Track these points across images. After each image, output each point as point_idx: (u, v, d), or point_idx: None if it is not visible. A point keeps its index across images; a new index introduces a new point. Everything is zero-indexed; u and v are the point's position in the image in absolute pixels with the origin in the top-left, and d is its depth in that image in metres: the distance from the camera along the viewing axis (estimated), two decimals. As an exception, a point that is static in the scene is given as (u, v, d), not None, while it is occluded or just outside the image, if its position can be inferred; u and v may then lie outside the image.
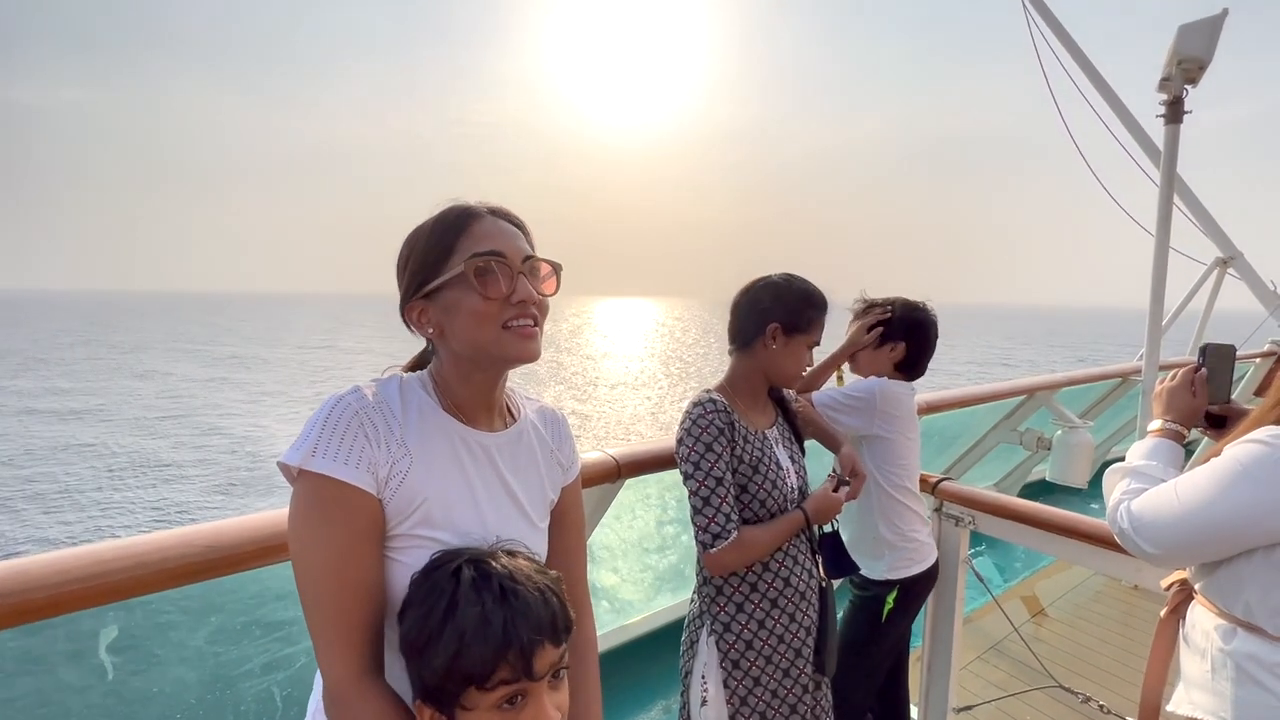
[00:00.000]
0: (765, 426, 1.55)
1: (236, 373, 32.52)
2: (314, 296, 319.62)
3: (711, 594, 1.47)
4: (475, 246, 0.85)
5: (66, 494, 13.51)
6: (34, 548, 10.94)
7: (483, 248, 0.84)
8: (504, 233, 0.87)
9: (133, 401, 24.11)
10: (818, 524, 1.54)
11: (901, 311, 1.92)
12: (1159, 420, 1.31)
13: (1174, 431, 1.28)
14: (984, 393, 3.22)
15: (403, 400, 0.87)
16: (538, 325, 0.88)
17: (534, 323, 0.87)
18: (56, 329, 61.88)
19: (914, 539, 1.89)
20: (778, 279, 1.52)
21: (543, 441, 1.02)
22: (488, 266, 0.84)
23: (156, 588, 0.94)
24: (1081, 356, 46.09)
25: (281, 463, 0.80)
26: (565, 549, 1.05)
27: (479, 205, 0.90)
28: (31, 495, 13.37)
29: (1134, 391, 4.26)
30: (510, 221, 0.90)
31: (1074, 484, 3.53)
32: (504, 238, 0.87)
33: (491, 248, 0.85)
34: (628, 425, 21.99)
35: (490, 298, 0.84)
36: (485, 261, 0.84)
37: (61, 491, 13.62)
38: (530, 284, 0.87)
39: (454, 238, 0.85)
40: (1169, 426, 1.28)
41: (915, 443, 1.94)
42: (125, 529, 11.79)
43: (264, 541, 1.03)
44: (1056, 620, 3.30)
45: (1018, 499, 1.95)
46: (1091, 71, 5.17)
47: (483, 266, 0.84)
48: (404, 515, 0.83)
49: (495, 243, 0.85)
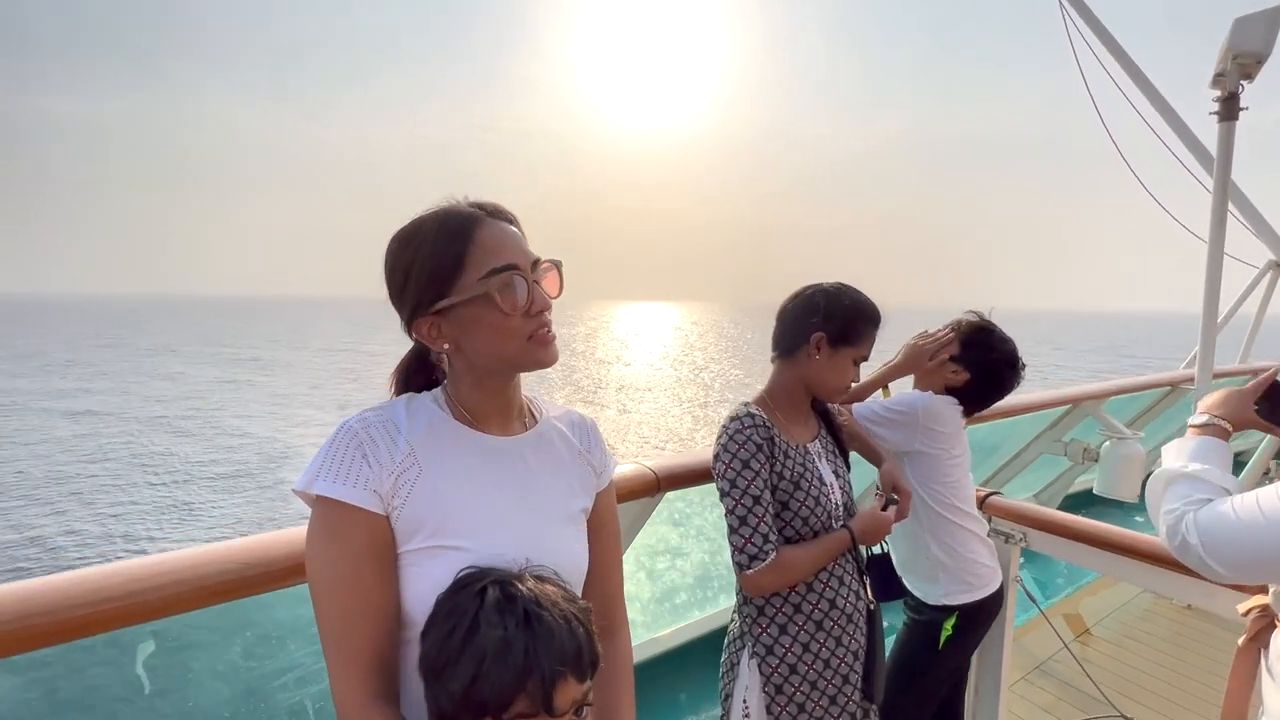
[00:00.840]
0: (807, 440, 1.49)
1: (258, 375, 33.34)
2: (341, 300, 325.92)
3: (753, 614, 1.41)
4: (488, 260, 0.82)
5: (98, 493, 13.93)
6: (67, 542, 11.30)
7: (496, 261, 0.82)
8: (510, 239, 0.85)
9: (163, 402, 24.82)
10: (865, 545, 1.47)
11: (995, 346, 1.75)
12: (1205, 415, 1.19)
13: (1222, 429, 1.16)
14: (1028, 403, 3.10)
15: (409, 415, 0.87)
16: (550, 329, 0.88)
17: (550, 328, 0.87)
18: (87, 331, 64.12)
19: (972, 561, 1.77)
20: (829, 287, 1.46)
21: (568, 444, 0.99)
22: (508, 282, 0.82)
23: (194, 605, 0.92)
24: (1116, 364, 44.79)
25: (295, 489, 0.81)
26: (602, 560, 1.01)
27: (475, 207, 0.86)
28: (70, 494, 13.82)
29: (1184, 401, 4.08)
30: (509, 221, 0.88)
31: (1124, 498, 3.38)
32: (512, 245, 0.85)
33: (506, 261, 0.83)
34: (637, 430, 22.00)
35: (512, 313, 0.83)
36: (507, 277, 0.82)
37: (93, 490, 14.05)
38: (545, 290, 0.87)
39: (462, 249, 0.82)
40: (1216, 423, 1.17)
41: (963, 460, 1.84)
42: (163, 533, 12.10)
43: (299, 558, 1.00)
44: (1103, 640, 3.15)
45: (1073, 515, 1.86)
46: (1133, 69, 5.00)
47: (503, 283, 0.82)
48: (418, 525, 0.81)
49: (507, 254, 0.83)
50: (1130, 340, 69.88)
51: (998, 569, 1.84)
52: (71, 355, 41.32)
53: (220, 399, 26.10)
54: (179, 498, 13.88)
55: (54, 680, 1.05)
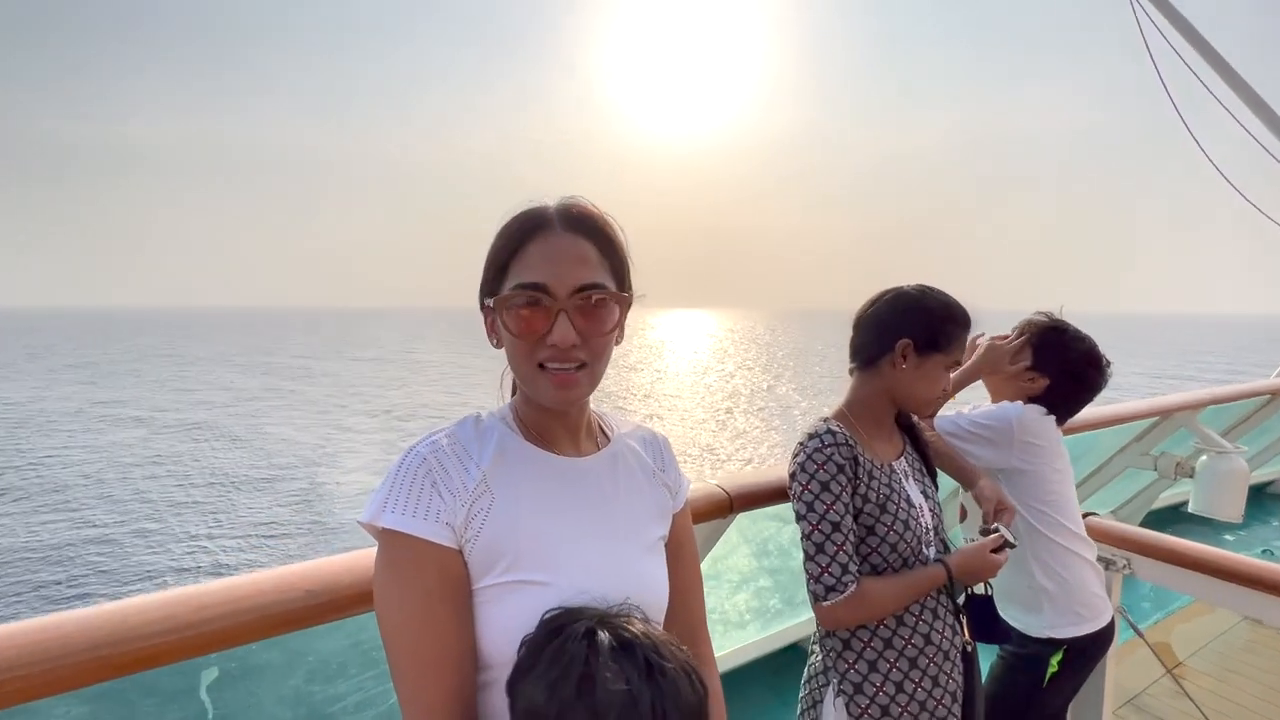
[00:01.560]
0: (892, 457, 1.37)
1: (303, 384, 34.52)
2: (399, 310, 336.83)
3: (837, 648, 1.30)
4: (524, 273, 0.77)
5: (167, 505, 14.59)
6: (134, 538, 11.81)
7: (527, 277, 0.76)
8: (560, 255, 0.77)
9: (214, 407, 25.96)
10: (964, 584, 1.33)
11: (1072, 347, 1.63)
12: None
13: None
14: (1116, 414, 2.87)
15: (479, 437, 0.81)
16: (585, 368, 0.79)
17: (576, 366, 0.78)
18: (157, 340, 67.71)
19: (1082, 589, 1.61)
20: (911, 289, 1.34)
21: (642, 463, 0.92)
22: (527, 300, 0.76)
23: (258, 636, 0.87)
24: (1190, 372, 42.28)
25: (360, 521, 0.75)
26: (683, 588, 0.94)
27: (551, 210, 0.80)
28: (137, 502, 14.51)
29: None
30: (581, 232, 0.79)
31: (1226, 517, 3.09)
32: (557, 263, 0.77)
33: (535, 279, 0.76)
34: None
35: (520, 336, 0.77)
36: (524, 294, 0.76)
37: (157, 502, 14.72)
38: (576, 323, 0.77)
39: (509, 255, 0.79)
40: None
41: (1066, 475, 1.67)
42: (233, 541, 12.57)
43: (365, 585, 0.95)
44: (1201, 672, 2.89)
45: (1186, 540, 1.68)
46: (1213, 56, 4.65)
47: (517, 301, 0.76)
48: (494, 559, 0.74)
49: (542, 271, 0.76)
50: (1196, 346, 65.96)
51: (1106, 598, 1.67)
52: (138, 365, 43.74)
53: (266, 405, 27.19)
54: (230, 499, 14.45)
55: (124, 708, 1.03)
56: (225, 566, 11.35)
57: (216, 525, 13.09)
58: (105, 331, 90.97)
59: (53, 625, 0.77)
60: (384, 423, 24.30)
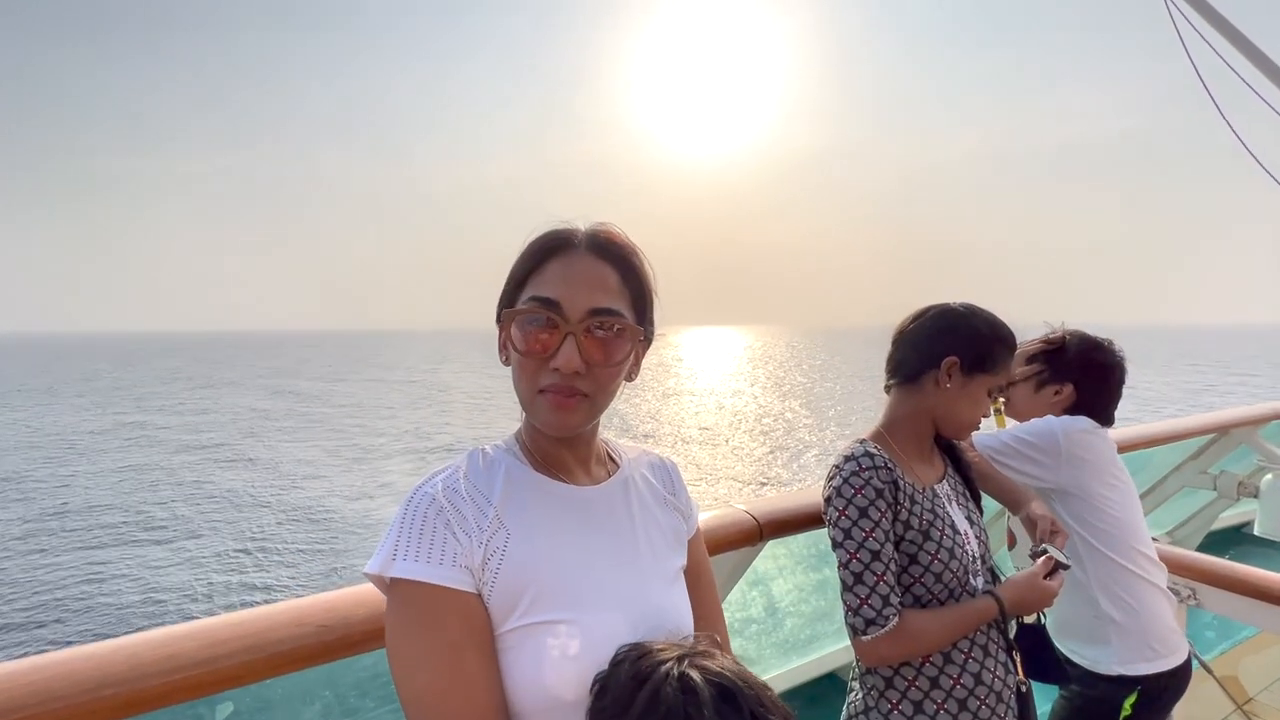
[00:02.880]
0: (933, 480, 1.29)
1: (322, 406, 35.16)
2: (427, 333, 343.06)
3: (879, 686, 1.21)
4: (538, 288, 0.75)
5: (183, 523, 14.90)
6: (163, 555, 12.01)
7: (542, 292, 0.74)
8: (578, 276, 0.75)
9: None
10: (1017, 616, 1.24)
11: (1073, 346, 1.60)
12: None
13: None
14: (1172, 430, 2.72)
15: (487, 471, 0.77)
16: (587, 397, 0.74)
17: (574, 394, 0.73)
18: (201, 364, 70.10)
19: (1156, 619, 1.48)
20: (959, 306, 1.28)
21: (654, 490, 0.89)
22: (533, 317, 0.73)
23: (269, 674, 0.85)
24: (1236, 384, 40.43)
25: (367, 573, 0.70)
26: (702, 615, 0.89)
27: (579, 232, 0.77)
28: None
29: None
30: (604, 257, 0.77)
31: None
32: (573, 283, 0.74)
33: (549, 295, 0.74)
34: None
35: (525, 354, 0.74)
36: (532, 309, 0.74)
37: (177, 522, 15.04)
38: (584, 349, 0.73)
39: (528, 271, 0.77)
40: None
41: (1127, 493, 1.56)
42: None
43: (378, 620, 0.91)
44: (1272, 709, 2.68)
45: (1260, 570, 1.55)
46: (1256, 55, 4.47)
47: (526, 317, 0.74)
48: (514, 600, 0.70)
49: (557, 288, 0.74)
50: (1241, 358, 63.10)
51: (1181, 631, 1.54)
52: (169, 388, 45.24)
53: (289, 424, 27.81)
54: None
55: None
56: (249, 588, 11.44)
57: (240, 549, 13.30)
58: (133, 356, 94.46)
59: (60, 663, 0.75)
60: (407, 444, 24.62)
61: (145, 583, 11.58)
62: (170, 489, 17.93)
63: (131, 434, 26.39)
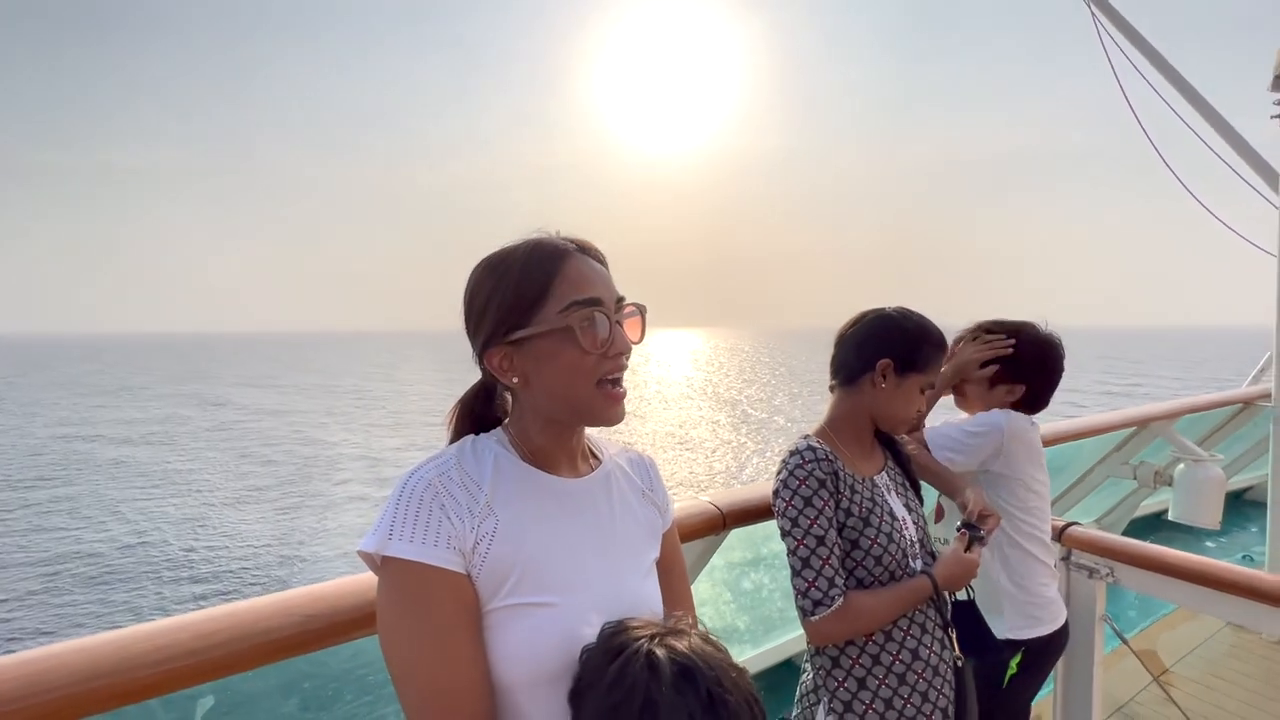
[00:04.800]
0: (873, 472, 1.40)
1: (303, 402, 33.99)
2: (389, 334, 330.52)
3: (827, 666, 1.31)
4: (573, 292, 0.78)
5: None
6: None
7: (582, 294, 0.79)
8: (597, 275, 0.82)
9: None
10: (949, 591, 1.36)
11: (1029, 348, 1.68)
12: None
13: None
14: (1094, 425, 2.94)
15: (478, 460, 0.81)
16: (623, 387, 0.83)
17: (620, 382, 0.82)
18: (157, 367, 66.53)
19: (1041, 593, 1.66)
20: (892, 311, 1.38)
21: (632, 483, 0.94)
22: (590, 316, 0.78)
23: (257, 663, 0.87)
24: (1173, 383, 42.94)
25: (360, 551, 0.74)
26: (675, 605, 0.95)
27: (566, 240, 0.83)
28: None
29: (1259, 418, 3.84)
30: (597, 259, 0.85)
31: (1204, 524, 3.16)
32: (598, 281, 0.81)
33: (591, 294, 0.79)
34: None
35: (589, 351, 0.78)
36: (589, 312, 0.78)
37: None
38: (628, 333, 0.83)
39: (547, 281, 0.79)
40: None
41: (1042, 484, 1.72)
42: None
43: (366, 608, 0.96)
44: (1187, 679, 2.92)
45: (1168, 549, 1.72)
46: (1174, 75, 4.83)
47: (585, 317, 0.78)
48: (500, 582, 0.75)
49: (593, 288, 0.80)
50: (1180, 357, 66.99)
51: (1061, 601, 1.72)
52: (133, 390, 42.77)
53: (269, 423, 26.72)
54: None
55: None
56: (228, 583, 10.97)
57: (221, 546, 12.72)
58: (106, 357, 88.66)
59: (54, 655, 0.77)
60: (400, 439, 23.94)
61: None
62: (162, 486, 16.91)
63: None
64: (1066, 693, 1.92)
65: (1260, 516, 4.26)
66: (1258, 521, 4.98)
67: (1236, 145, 4.18)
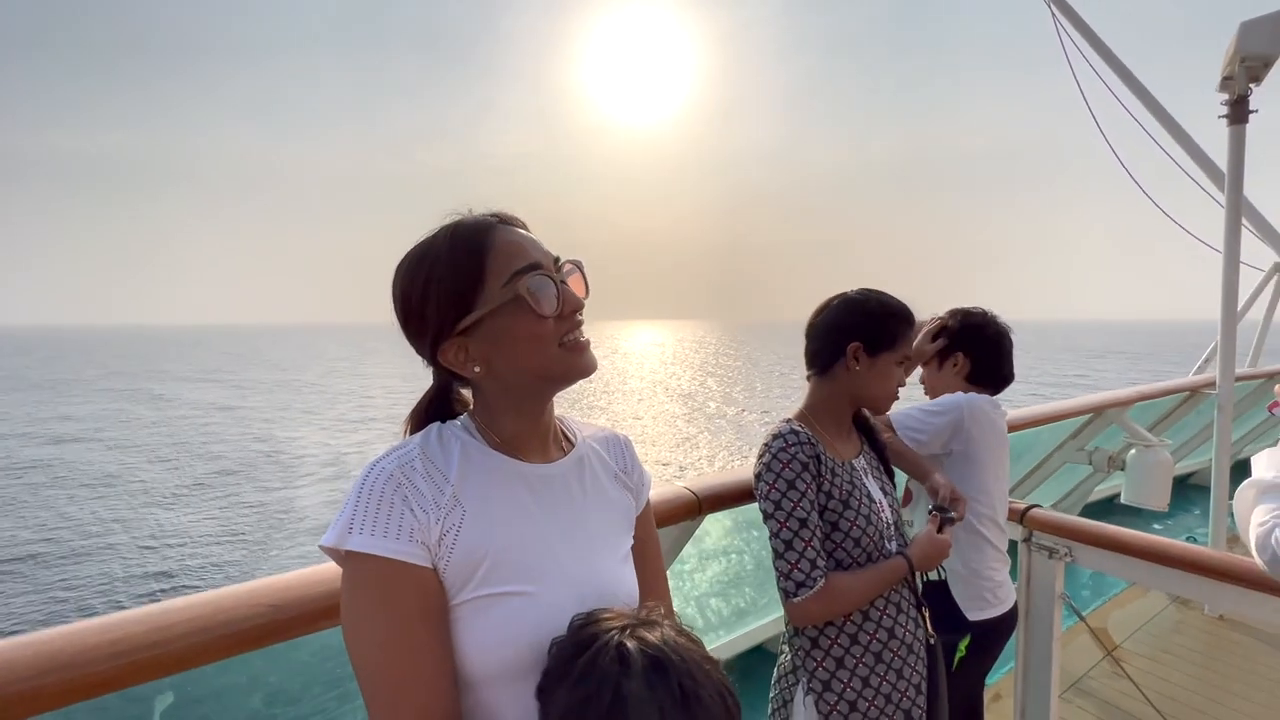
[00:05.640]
0: (851, 456, 1.42)
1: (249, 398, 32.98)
2: (347, 326, 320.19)
3: (806, 646, 1.33)
4: (510, 263, 0.76)
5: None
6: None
7: (520, 263, 0.76)
8: (527, 241, 0.79)
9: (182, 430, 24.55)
10: (923, 571, 1.39)
11: (958, 318, 1.80)
12: None
13: None
14: (1052, 412, 3.04)
15: (443, 449, 0.78)
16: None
17: (581, 331, 0.81)
18: (88, 362, 63.59)
19: (990, 577, 1.70)
20: (854, 294, 1.40)
21: (605, 465, 0.92)
22: (537, 282, 0.76)
23: (222, 655, 0.84)
24: (1126, 373, 44.70)
25: (323, 545, 0.71)
26: (649, 590, 0.94)
27: (483, 216, 0.79)
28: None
29: (1205, 404, 4.03)
30: (521, 227, 0.81)
31: (1154, 506, 3.31)
32: (530, 247, 0.78)
33: (529, 260, 0.77)
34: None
35: (545, 316, 0.76)
36: (534, 277, 0.76)
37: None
38: (574, 290, 0.81)
39: (481, 257, 0.75)
40: None
41: (1004, 468, 1.77)
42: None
43: (332, 598, 0.93)
44: (1137, 655, 3.07)
45: (1123, 528, 1.79)
46: (1128, 77, 5.02)
47: (531, 284, 0.75)
48: (469, 573, 0.72)
49: (527, 254, 0.77)
50: (1139, 349, 69.68)
51: (1010, 585, 1.77)
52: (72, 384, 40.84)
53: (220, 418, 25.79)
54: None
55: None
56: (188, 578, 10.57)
57: (180, 540, 12.25)
58: (47, 349, 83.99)
59: (3, 650, 0.73)
60: (333, 434, 23.40)
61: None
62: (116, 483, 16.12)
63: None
64: (1027, 669, 1.98)
65: (1203, 500, 4.48)
66: (1200, 505, 5.24)
67: (1188, 147, 4.37)
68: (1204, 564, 1.56)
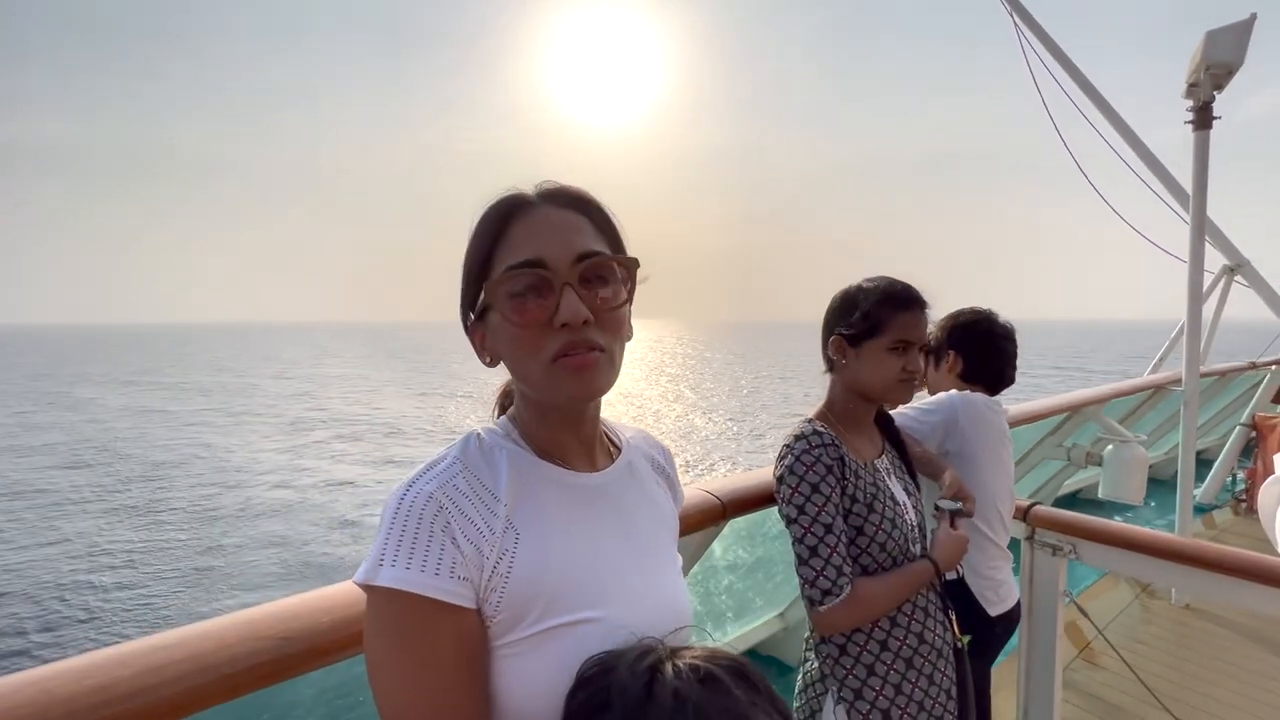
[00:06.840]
0: (874, 456, 1.37)
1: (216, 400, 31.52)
2: (307, 325, 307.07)
3: (834, 654, 1.27)
4: (510, 255, 0.66)
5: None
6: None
7: (519, 256, 0.66)
8: (551, 228, 0.67)
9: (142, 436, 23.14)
10: (947, 571, 1.35)
11: (950, 319, 1.80)
12: None
13: None
14: (1034, 410, 3.09)
15: (488, 462, 0.68)
16: (600, 350, 0.66)
17: (591, 348, 0.66)
18: (46, 362, 59.79)
19: (990, 576, 1.69)
20: (850, 285, 1.35)
21: (650, 472, 0.85)
22: (523, 283, 0.65)
23: (223, 698, 0.73)
24: (1071, 372, 46.60)
25: (356, 582, 0.62)
26: None
27: (531, 190, 0.70)
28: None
29: (1169, 400, 4.19)
30: (569, 206, 0.70)
31: (1130, 500, 3.41)
32: (549, 236, 0.66)
33: (529, 255, 0.65)
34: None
35: (524, 325, 0.65)
36: (518, 275, 0.65)
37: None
38: (584, 296, 0.66)
39: (491, 242, 0.68)
40: None
41: (1005, 467, 1.75)
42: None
43: (350, 625, 0.82)
44: (1112, 645, 3.15)
45: (1132, 526, 1.80)
46: (1087, 86, 5.20)
47: (514, 286, 0.65)
48: (527, 606, 0.64)
49: (535, 246, 0.66)
50: (1087, 349, 72.69)
51: (1014, 584, 1.76)
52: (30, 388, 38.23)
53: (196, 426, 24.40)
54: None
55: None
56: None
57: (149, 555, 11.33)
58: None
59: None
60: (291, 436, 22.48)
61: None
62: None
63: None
64: (1030, 666, 1.98)
65: (1158, 493, 4.66)
66: (1155, 496, 5.46)
67: (1142, 154, 4.53)
68: (1222, 562, 1.56)
